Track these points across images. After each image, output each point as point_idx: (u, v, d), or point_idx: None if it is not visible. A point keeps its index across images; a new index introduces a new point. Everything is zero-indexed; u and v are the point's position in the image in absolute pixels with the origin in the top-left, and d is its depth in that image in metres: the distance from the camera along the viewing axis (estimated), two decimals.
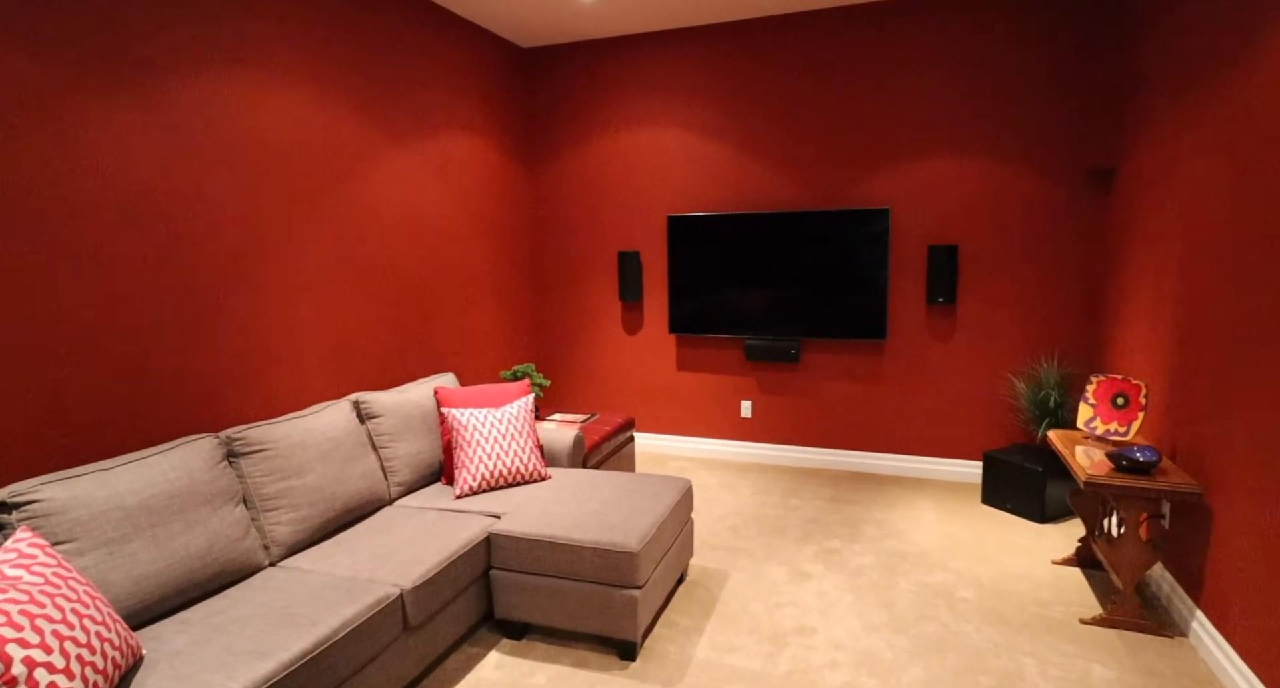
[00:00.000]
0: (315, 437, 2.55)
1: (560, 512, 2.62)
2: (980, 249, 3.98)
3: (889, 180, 4.10)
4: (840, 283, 4.20)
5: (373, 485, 2.73)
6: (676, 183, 4.58)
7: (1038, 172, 3.81)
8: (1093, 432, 2.87)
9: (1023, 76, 3.77)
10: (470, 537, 2.48)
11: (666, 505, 2.68)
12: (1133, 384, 2.76)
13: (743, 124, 4.36)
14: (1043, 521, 3.54)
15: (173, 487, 2.04)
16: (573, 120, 4.76)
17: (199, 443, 2.21)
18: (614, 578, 2.37)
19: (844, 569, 3.08)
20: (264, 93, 2.79)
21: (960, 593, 2.85)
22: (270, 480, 2.35)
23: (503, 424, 3.00)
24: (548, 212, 4.94)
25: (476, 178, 4.30)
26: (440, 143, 3.91)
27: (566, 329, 5.04)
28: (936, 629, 2.58)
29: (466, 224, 4.20)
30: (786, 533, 3.48)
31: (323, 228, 3.12)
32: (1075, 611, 2.69)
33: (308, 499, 2.43)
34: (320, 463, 2.52)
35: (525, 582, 2.50)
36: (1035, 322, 3.93)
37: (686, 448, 4.82)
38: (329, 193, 3.15)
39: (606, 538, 2.39)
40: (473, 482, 2.89)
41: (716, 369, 4.67)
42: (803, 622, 2.65)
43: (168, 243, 2.43)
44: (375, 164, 3.42)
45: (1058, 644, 2.47)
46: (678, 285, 4.60)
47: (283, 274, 2.92)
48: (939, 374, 4.16)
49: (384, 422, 2.91)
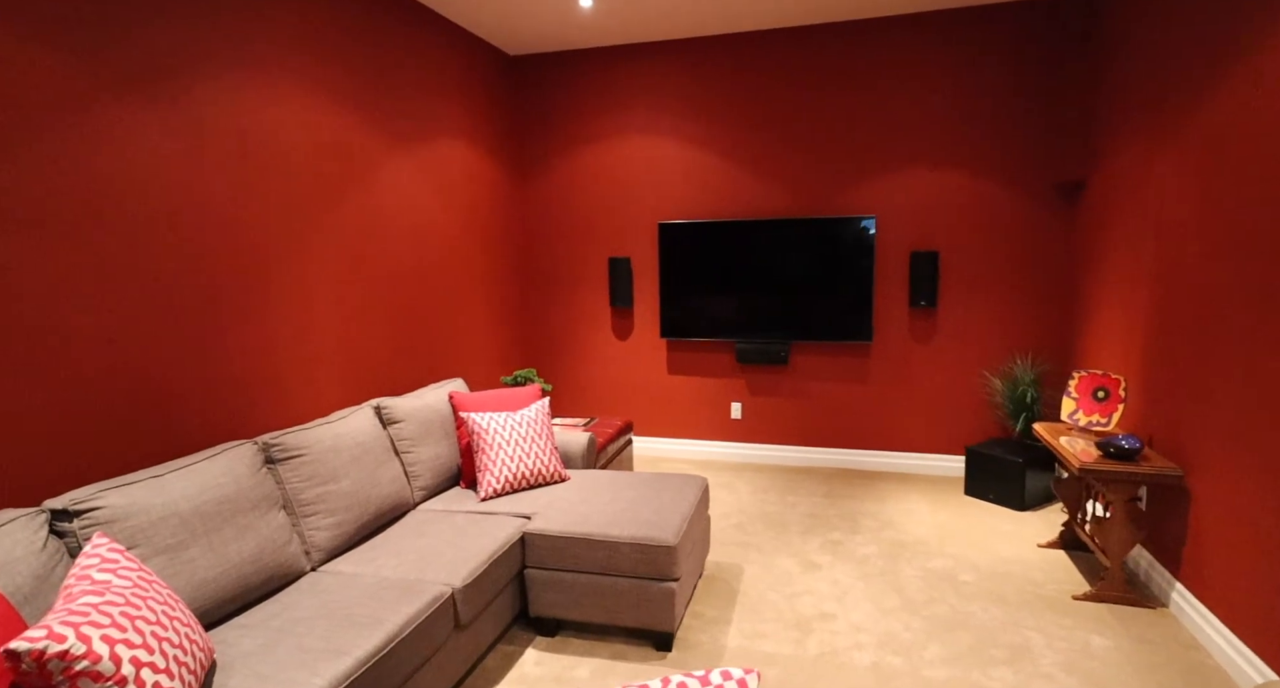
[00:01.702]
0: (346, 442, 2.55)
1: (590, 510, 2.69)
2: (959, 255, 4.24)
3: (874, 189, 4.33)
4: (829, 288, 4.40)
5: (399, 490, 2.74)
6: (667, 190, 4.71)
7: (1011, 182, 4.09)
8: (1076, 423, 3.11)
9: (997, 92, 4.05)
10: (506, 537, 2.52)
11: (691, 502, 2.79)
12: (1112, 378, 3.01)
13: (732, 134, 4.53)
14: (1023, 508, 3.79)
15: (223, 492, 2.03)
16: (562, 128, 4.84)
17: (241, 449, 2.21)
18: (652, 572, 2.45)
19: (850, 559, 3.24)
20: (278, 98, 2.79)
21: (961, 577, 3.04)
22: (308, 486, 2.35)
23: (522, 427, 3.05)
24: (539, 219, 5.00)
25: (471, 186, 4.33)
26: (436, 150, 3.94)
27: (559, 335, 5.09)
28: (946, 611, 2.76)
29: (462, 232, 4.23)
30: (789, 528, 3.63)
31: (332, 235, 3.11)
32: (1066, 588, 2.92)
33: (343, 504, 2.43)
34: (353, 468, 2.52)
35: (561, 579, 2.56)
36: (1009, 323, 4.20)
37: (680, 450, 4.94)
38: (338, 199, 3.15)
39: (644, 533, 2.48)
40: (496, 484, 2.93)
41: (707, 372, 4.81)
42: (822, 609, 2.79)
43: (185, 250, 2.41)
44: (378, 170, 3.43)
45: (1056, 619, 2.68)
46: (669, 291, 4.73)
47: (296, 282, 2.91)
48: (921, 374, 4.39)
49: (405, 427, 2.93)
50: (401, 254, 3.62)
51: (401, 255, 3.62)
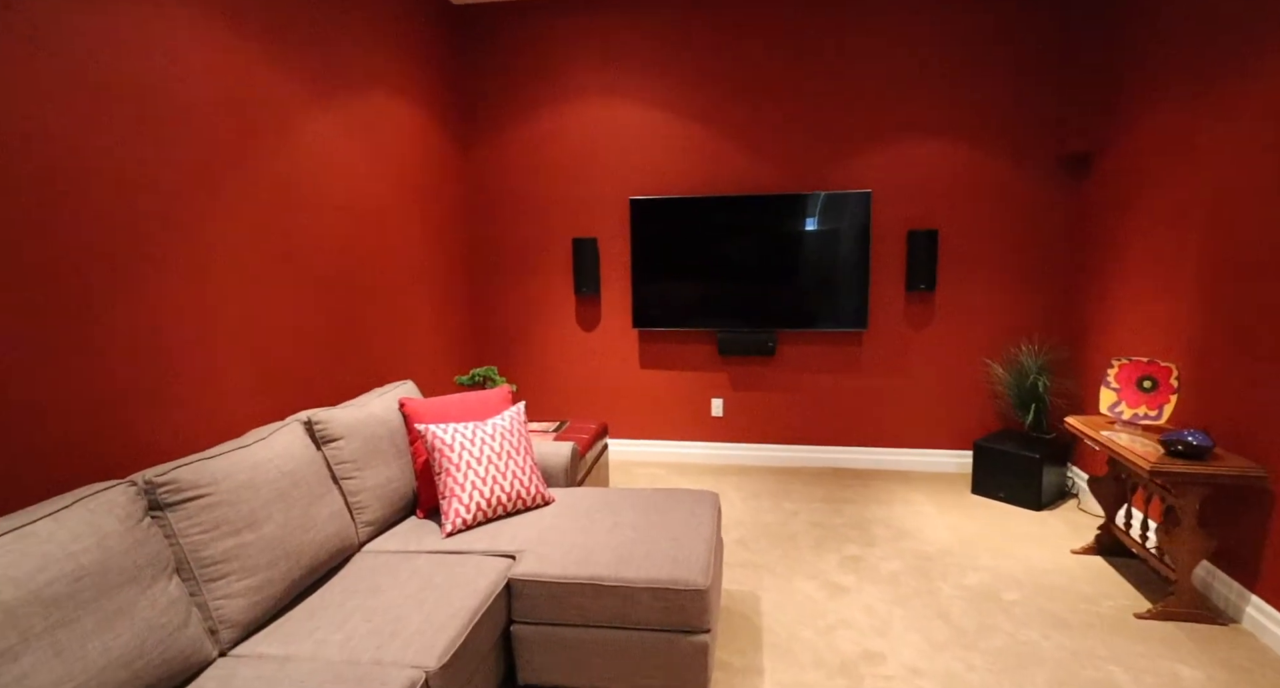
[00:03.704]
0: (268, 472, 1.91)
1: (591, 543, 2.14)
2: (959, 234, 3.90)
3: (868, 162, 3.93)
4: (821, 270, 3.98)
5: (341, 529, 2.12)
6: (638, 162, 4.17)
7: (1015, 154, 3.78)
8: (1119, 416, 2.80)
9: (1000, 59, 3.72)
10: (488, 587, 1.95)
11: (711, 526, 2.29)
12: (1161, 367, 2.71)
13: (712, 101, 4.03)
14: (1039, 508, 3.50)
15: (79, 564, 1.37)
16: (519, 90, 4.21)
17: (107, 495, 1.54)
18: (678, 622, 1.94)
19: (877, 578, 2.83)
20: (170, 28, 2.08)
21: (1006, 595, 2.68)
22: (214, 538, 1.70)
23: (495, 440, 2.47)
24: (493, 194, 4.36)
25: (412, 153, 3.66)
26: (368, 109, 3.26)
27: (514, 328, 4.48)
28: (1005, 641, 2.38)
29: (401, 206, 3.56)
30: (797, 541, 3.20)
31: (240, 205, 2.42)
32: (1124, 604, 2.60)
33: (266, 558, 1.80)
34: (278, 507, 1.88)
35: (561, 637, 2.01)
36: (1012, 307, 3.91)
37: (654, 452, 4.43)
38: (244, 160, 2.45)
39: (666, 574, 1.96)
40: (465, 514, 2.34)
41: (684, 366, 4.32)
42: (865, 646, 2.36)
43: (20, 214, 1.71)
44: (294, 127, 2.74)
45: (1129, 645, 2.34)
46: (642, 276, 4.20)
47: (192, 261, 2.21)
48: (919, 363, 4.05)
49: (345, 445, 2.29)
50: (330, 232, 2.94)
51: (330, 233, 2.94)
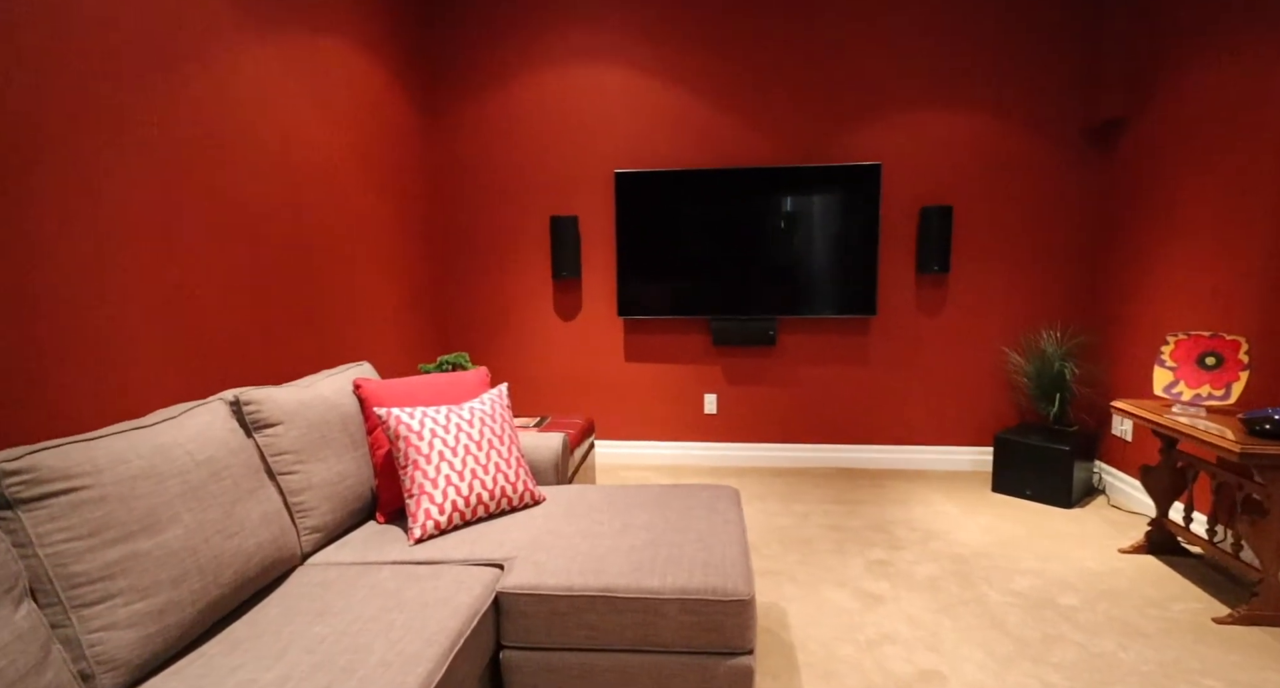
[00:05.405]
0: (176, 460, 1.44)
1: (600, 549, 1.73)
2: (975, 211, 3.63)
3: (877, 133, 3.63)
4: (825, 251, 3.65)
5: (277, 535, 1.65)
6: (625, 132, 3.79)
7: (1037, 123, 3.52)
8: (1177, 397, 2.51)
9: (1021, 21, 3.47)
10: (472, 605, 1.51)
11: (739, 525, 1.89)
12: (1227, 341, 2.43)
13: (707, 66, 3.69)
14: (1070, 505, 3.20)
15: None
16: (492, 50, 3.81)
17: None
18: (715, 642, 1.53)
19: (913, 584, 2.47)
20: None
21: (1063, 600, 2.34)
22: (90, 547, 1.23)
23: (473, 427, 2.03)
24: (462, 165, 3.93)
25: (367, 111, 3.21)
26: (313, 50, 2.82)
27: (485, 316, 4.03)
28: (1077, 653, 2.03)
29: (352, 171, 3.10)
30: (815, 545, 2.82)
31: (155, 147, 1.95)
32: (1195, 607, 2.29)
33: (170, 573, 1.33)
34: (190, 505, 1.42)
35: (563, 665, 1.58)
36: (1032, 289, 3.64)
37: (641, 454, 4.02)
38: (158, 85, 1.99)
39: (699, 582, 1.55)
40: (439, 515, 1.89)
41: (675, 358, 3.93)
42: (919, 664, 1.98)
43: None
44: (225, 55, 2.28)
45: (1217, 655, 2.02)
46: (628, 258, 3.81)
47: (85, 195, 1.74)
48: (932, 353, 3.74)
49: (284, 433, 1.82)
50: (269, 188, 2.47)
51: (269, 190, 2.47)
